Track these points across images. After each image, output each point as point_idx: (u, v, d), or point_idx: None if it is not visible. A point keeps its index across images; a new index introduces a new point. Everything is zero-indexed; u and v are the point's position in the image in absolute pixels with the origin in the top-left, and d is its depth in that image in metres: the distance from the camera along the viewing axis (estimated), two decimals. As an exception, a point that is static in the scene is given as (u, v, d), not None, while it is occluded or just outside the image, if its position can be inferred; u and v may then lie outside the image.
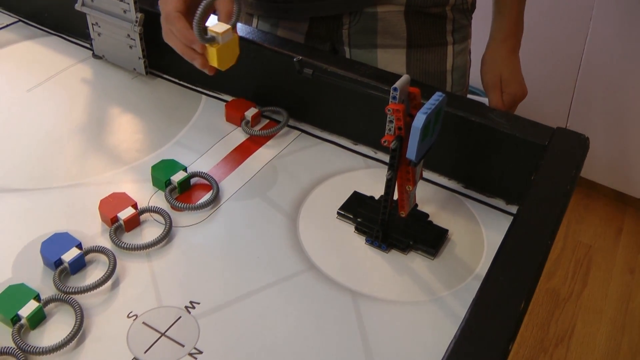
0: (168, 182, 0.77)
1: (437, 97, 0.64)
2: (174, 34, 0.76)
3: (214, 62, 0.75)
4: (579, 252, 2.02)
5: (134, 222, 0.73)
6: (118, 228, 0.72)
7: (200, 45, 0.74)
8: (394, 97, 0.62)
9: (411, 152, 0.63)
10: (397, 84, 0.62)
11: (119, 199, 0.74)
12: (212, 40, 0.73)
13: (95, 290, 0.65)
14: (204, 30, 0.72)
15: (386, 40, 0.97)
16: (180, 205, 0.75)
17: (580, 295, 1.88)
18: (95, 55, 1.04)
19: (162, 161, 0.79)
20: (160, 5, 0.78)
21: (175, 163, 0.79)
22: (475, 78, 1.09)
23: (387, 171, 0.67)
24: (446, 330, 0.63)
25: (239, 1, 0.74)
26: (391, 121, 0.64)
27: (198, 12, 0.70)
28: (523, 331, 1.77)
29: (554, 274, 1.95)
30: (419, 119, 0.61)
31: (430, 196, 0.79)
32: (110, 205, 0.73)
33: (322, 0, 0.94)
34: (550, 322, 1.81)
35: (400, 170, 0.67)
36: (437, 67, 1.00)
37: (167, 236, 0.71)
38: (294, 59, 0.69)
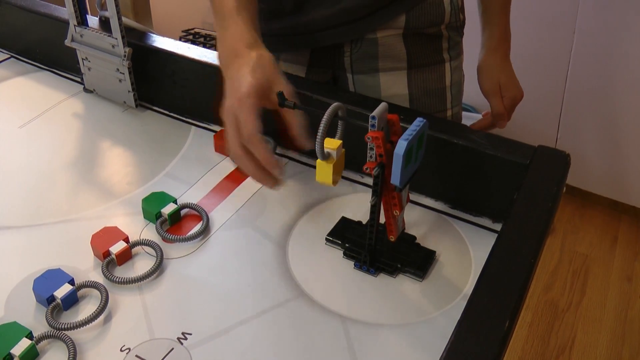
0: (159, 215, 0.78)
1: (418, 123, 0.65)
2: (253, 155, 0.70)
3: (327, 179, 0.69)
4: (575, 263, 2.02)
5: (125, 256, 0.74)
6: (110, 262, 0.73)
7: (281, 172, 0.70)
8: (373, 125, 0.64)
9: (395, 178, 0.64)
10: (375, 112, 0.63)
11: (110, 233, 0.75)
12: (328, 156, 0.68)
13: (88, 325, 0.66)
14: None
15: (387, 63, 0.99)
16: (171, 237, 0.76)
17: (579, 306, 1.89)
18: (86, 90, 1.06)
19: (152, 194, 0.80)
20: (229, 121, 0.71)
21: (165, 195, 0.80)
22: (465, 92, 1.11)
23: (371, 197, 0.68)
24: (436, 351, 0.64)
25: (344, 117, 0.69)
26: (372, 149, 0.65)
27: (320, 130, 0.65)
28: (524, 344, 1.78)
29: (552, 286, 1.95)
30: (401, 146, 0.62)
31: (417, 218, 0.80)
32: (102, 240, 0.74)
33: (323, 31, 0.96)
34: (550, 334, 1.81)
35: (385, 196, 0.68)
36: (437, 84, 1.03)
37: (158, 268, 0.72)
38: (276, 92, 0.70)
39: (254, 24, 0.79)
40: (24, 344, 0.62)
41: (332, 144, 0.67)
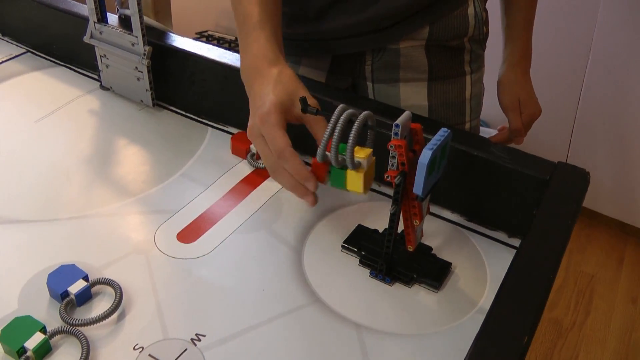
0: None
1: (442, 133, 0.64)
2: (288, 170, 0.69)
3: (357, 188, 0.68)
4: (581, 282, 2.01)
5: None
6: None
7: (314, 185, 0.68)
8: (396, 134, 0.63)
9: (418, 188, 0.63)
10: (399, 121, 0.63)
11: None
12: (358, 165, 0.67)
13: (101, 322, 0.65)
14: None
15: (408, 74, 0.99)
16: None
17: (583, 326, 1.88)
18: (102, 87, 1.06)
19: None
20: (257, 141, 0.71)
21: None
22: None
23: (391, 206, 0.67)
24: (451, 363, 0.64)
25: (374, 126, 0.68)
26: (394, 157, 0.65)
27: (350, 140, 0.64)
28: (526, 362, 1.76)
29: (557, 304, 1.94)
30: (425, 155, 0.61)
31: (433, 229, 0.80)
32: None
33: (346, 39, 0.96)
34: (553, 352, 1.80)
35: (405, 205, 0.68)
36: (457, 97, 1.03)
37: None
38: (299, 98, 0.70)
39: (277, 38, 0.78)
40: (38, 338, 0.61)
41: (362, 153, 0.67)
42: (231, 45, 2.63)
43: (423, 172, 0.62)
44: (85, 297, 0.68)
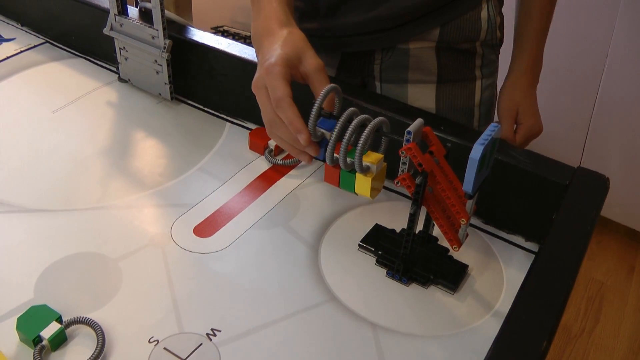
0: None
1: (492, 128, 0.62)
2: (284, 121, 0.69)
3: (364, 192, 0.68)
4: (591, 289, 2.00)
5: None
6: None
7: (307, 138, 0.68)
8: (408, 140, 0.63)
9: (468, 185, 0.62)
10: (411, 128, 0.62)
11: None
12: (367, 169, 0.67)
13: (116, 311, 0.65)
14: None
15: (417, 75, 0.98)
16: None
17: (592, 333, 1.87)
18: (120, 79, 1.06)
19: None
20: (259, 93, 0.72)
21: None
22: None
23: (411, 206, 0.67)
24: (465, 367, 0.63)
25: (388, 133, 0.68)
26: (404, 163, 0.64)
27: (360, 144, 0.65)
28: (533, 367, 1.76)
29: (566, 310, 1.93)
30: (476, 150, 0.59)
31: (450, 231, 0.80)
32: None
33: (354, 37, 0.96)
34: (561, 358, 1.79)
35: (432, 204, 0.67)
36: (465, 102, 1.01)
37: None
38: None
39: (288, 4, 0.80)
40: (54, 327, 0.61)
41: (372, 158, 0.67)
42: (246, 41, 2.63)
43: (474, 168, 0.59)
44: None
